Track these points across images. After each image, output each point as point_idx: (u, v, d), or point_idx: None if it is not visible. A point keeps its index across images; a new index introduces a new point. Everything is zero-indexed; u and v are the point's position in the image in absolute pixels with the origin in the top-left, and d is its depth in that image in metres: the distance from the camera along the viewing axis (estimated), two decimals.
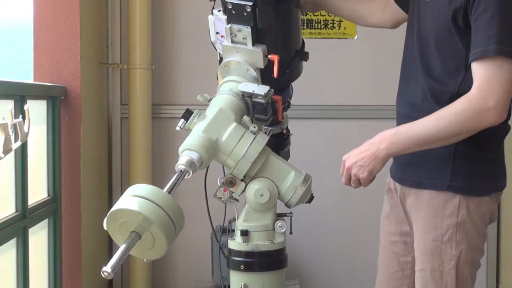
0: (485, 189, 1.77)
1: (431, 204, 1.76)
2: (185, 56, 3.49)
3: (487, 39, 1.56)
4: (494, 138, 1.76)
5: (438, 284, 1.75)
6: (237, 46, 1.89)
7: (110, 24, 3.43)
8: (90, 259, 3.11)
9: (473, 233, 1.74)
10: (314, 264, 3.56)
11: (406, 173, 1.86)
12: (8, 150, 1.71)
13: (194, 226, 2.06)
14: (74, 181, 2.95)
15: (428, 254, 1.76)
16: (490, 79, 1.58)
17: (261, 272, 1.88)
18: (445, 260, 1.74)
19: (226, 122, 1.81)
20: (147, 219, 1.46)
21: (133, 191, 1.53)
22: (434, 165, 1.76)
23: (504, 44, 1.55)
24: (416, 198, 1.81)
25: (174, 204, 1.51)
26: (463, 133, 1.66)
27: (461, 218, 1.72)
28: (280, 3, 1.89)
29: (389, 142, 1.71)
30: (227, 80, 1.95)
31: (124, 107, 3.45)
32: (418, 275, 1.81)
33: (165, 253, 1.52)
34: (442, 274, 1.74)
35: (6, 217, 2.31)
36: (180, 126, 1.83)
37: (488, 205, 1.79)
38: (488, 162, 1.77)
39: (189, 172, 1.64)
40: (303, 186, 1.87)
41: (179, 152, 1.70)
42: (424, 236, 1.77)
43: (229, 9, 1.85)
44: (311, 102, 3.43)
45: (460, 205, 1.73)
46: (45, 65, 2.93)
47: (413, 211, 1.84)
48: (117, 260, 1.43)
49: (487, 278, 3.55)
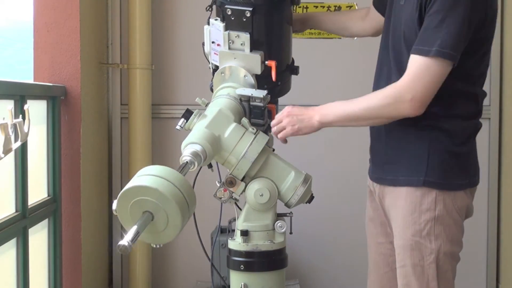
0: (460, 184, 1.81)
1: (409, 200, 1.79)
2: (185, 56, 3.49)
3: (432, 40, 1.66)
4: (466, 134, 1.82)
5: (419, 279, 1.79)
6: (235, 52, 1.90)
7: (110, 24, 3.44)
8: (90, 259, 3.11)
9: (451, 226, 1.79)
10: (314, 264, 3.56)
11: (383, 173, 1.90)
12: (8, 150, 1.70)
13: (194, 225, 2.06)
14: (74, 181, 2.95)
15: (408, 250, 1.79)
16: (418, 75, 1.68)
17: (261, 272, 1.88)
18: (425, 254, 1.77)
19: (227, 121, 1.82)
20: (164, 196, 1.42)
21: (145, 171, 1.50)
22: (410, 163, 1.80)
23: (444, 47, 1.65)
24: (394, 196, 1.85)
25: (188, 185, 1.50)
26: (381, 118, 1.78)
27: (438, 212, 1.77)
28: (277, 10, 1.93)
29: (323, 113, 1.83)
30: (224, 86, 1.96)
31: (124, 107, 3.45)
32: (400, 271, 1.84)
33: (177, 234, 1.48)
34: (423, 269, 1.78)
35: (6, 217, 2.32)
36: (180, 125, 1.84)
37: (463, 200, 1.83)
38: (462, 158, 1.82)
39: (194, 164, 1.63)
40: (303, 186, 1.87)
41: (182, 148, 1.70)
42: (403, 232, 1.80)
43: (228, 15, 1.88)
44: (311, 102, 3.42)
45: (436, 199, 1.77)
46: (45, 65, 2.93)
47: (391, 210, 1.87)
48: (133, 234, 1.36)
49: (487, 278, 3.55)
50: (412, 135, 1.80)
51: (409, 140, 1.81)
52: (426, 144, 1.78)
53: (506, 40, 3.43)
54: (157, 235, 1.48)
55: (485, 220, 3.52)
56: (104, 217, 3.42)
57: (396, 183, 1.84)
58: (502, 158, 3.49)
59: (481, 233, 3.53)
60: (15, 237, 2.39)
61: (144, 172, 1.50)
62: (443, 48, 1.65)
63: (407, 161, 1.81)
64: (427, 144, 1.78)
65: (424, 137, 1.79)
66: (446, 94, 1.74)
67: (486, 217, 3.52)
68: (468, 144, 1.84)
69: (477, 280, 3.56)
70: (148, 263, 3.45)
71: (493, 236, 3.53)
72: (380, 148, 1.92)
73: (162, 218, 1.44)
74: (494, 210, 3.51)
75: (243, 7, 1.86)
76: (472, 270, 3.56)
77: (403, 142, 1.83)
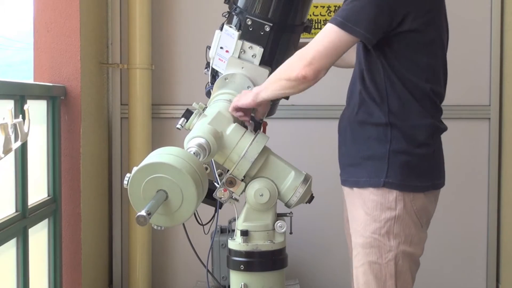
0: (419, 186, 1.82)
1: (370, 199, 1.81)
2: (185, 56, 3.49)
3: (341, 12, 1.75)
4: (424, 135, 1.82)
5: (377, 277, 1.80)
6: (244, 62, 1.92)
7: (110, 24, 3.43)
8: (90, 259, 3.11)
9: (410, 227, 1.81)
10: (314, 264, 3.56)
11: (346, 174, 1.92)
12: (8, 150, 1.70)
13: (194, 226, 2.06)
14: (74, 181, 2.95)
15: (367, 247, 1.81)
16: (321, 41, 1.76)
17: (261, 272, 1.89)
18: (383, 252, 1.79)
19: (227, 121, 1.82)
20: (183, 174, 1.43)
21: (162, 151, 1.51)
22: (371, 164, 1.82)
23: (347, 20, 1.72)
24: (356, 196, 1.86)
25: (202, 165, 1.53)
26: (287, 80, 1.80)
27: (398, 212, 1.79)
28: (291, 33, 2.00)
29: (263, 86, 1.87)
30: (224, 92, 1.97)
31: (124, 107, 3.45)
32: (359, 270, 1.85)
33: (189, 216, 1.48)
34: (381, 267, 1.80)
35: (6, 217, 2.31)
36: (181, 124, 1.84)
37: (423, 202, 1.84)
38: (422, 160, 1.83)
39: (199, 155, 1.63)
40: (303, 186, 1.87)
41: (185, 142, 1.70)
42: (363, 230, 1.82)
43: (247, 25, 1.92)
44: (311, 102, 3.43)
45: (397, 199, 1.79)
46: (45, 65, 2.93)
47: (353, 209, 1.88)
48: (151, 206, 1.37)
49: (487, 278, 3.55)
50: (374, 137, 1.82)
51: (371, 143, 1.83)
52: (387, 146, 1.80)
53: (506, 40, 3.43)
54: (167, 218, 1.48)
55: (485, 220, 3.52)
56: (104, 217, 3.42)
57: (358, 184, 1.85)
58: (502, 158, 3.49)
59: (481, 233, 3.53)
60: (15, 237, 2.39)
61: (160, 152, 1.51)
62: (345, 20, 1.72)
63: (369, 163, 1.83)
64: (388, 146, 1.80)
65: (385, 138, 1.81)
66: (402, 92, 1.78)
67: (486, 217, 3.52)
68: (429, 145, 1.84)
69: (477, 280, 3.56)
70: (148, 263, 3.45)
71: (493, 236, 3.52)
72: (344, 151, 1.94)
73: (176, 198, 1.44)
74: (494, 210, 3.50)
75: (263, 21, 1.91)
76: (472, 270, 3.56)
77: (365, 145, 1.85)
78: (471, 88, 3.50)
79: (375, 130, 1.81)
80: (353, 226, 1.88)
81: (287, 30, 1.98)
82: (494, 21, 3.46)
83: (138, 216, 1.33)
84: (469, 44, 3.45)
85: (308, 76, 1.75)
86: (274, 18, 1.93)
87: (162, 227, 1.52)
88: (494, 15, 3.45)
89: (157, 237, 3.52)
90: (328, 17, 3.55)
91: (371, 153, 1.82)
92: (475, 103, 3.52)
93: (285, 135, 3.37)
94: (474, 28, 3.48)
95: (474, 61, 3.50)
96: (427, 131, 1.82)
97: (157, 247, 3.54)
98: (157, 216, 1.46)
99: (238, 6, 1.96)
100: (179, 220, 1.48)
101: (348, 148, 1.90)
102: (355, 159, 1.87)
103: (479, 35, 3.48)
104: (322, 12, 3.48)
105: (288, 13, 1.97)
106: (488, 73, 3.49)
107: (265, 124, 2.01)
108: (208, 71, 2.06)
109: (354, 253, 1.87)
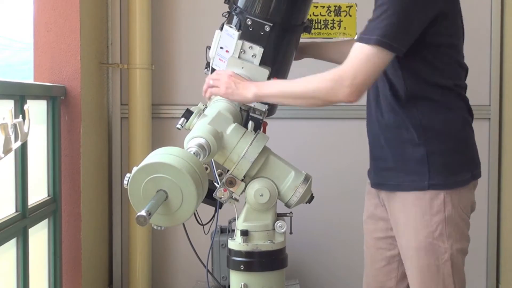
0: (460, 180, 1.84)
1: (418, 204, 1.83)
2: (185, 56, 3.49)
3: (374, 30, 1.70)
4: (455, 129, 1.86)
5: (435, 277, 1.84)
6: (244, 62, 1.93)
7: (110, 24, 3.43)
8: (90, 259, 3.11)
9: (459, 225, 1.85)
10: (314, 264, 3.56)
11: (384, 179, 1.92)
12: (8, 150, 1.70)
13: (194, 226, 2.06)
14: (74, 181, 2.95)
15: (423, 251, 1.83)
16: (359, 62, 1.71)
17: (261, 272, 1.89)
18: (440, 254, 1.82)
19: (227, 122, 1.82)
20: (182, 174, 1.43)
21: (162, 151, 1.51)
22: (411, 168, 1.84)
23: (384, 37, 1.68)
24: (401, 200, 1.87)
25: (202, 166, 1.53)
26: (317, 100, 1.79)
27: (448, 213, 1.81)
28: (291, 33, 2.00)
29: (261, 86, 1.85)
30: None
31: (124, 107, 3.45)
32: (413, 271, 1.87)
33: (189, 216, 1.48)
34: (438, 268, 1.83)
35: (6, 217, 2.31)
36: (181, 124, 1.84)
37: (468, 197, 1.87)
38: (458, 154, 1.85)
39: (199, 155, 1.63)
40: (303, 186, 1.87)
41: (185, 142, 1.70)
42: (416, 235, 1.83)
43: (247, 25, 1.92)
44: None
45: (445, 201, 1.81)
46: (45, 65, 2.93)
47: (400, 213, 1.89)
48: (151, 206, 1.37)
49: (487, 278, 3.55)
50: (408, 140, 1.83)
51: (406, 146, 1.84)
52: (423, 147, 1.81)
53: (506, 40, 3.43)
54: (169, 217, 1.48)
55: (485, 220, 3.52)
56: (104, 217, 3.42)
57: (401, 188, 1.86)
58: (502, 158, 3.49)
59: (481, 233, 3.52)
60: (15, 237, 2.39)
61: (160, 151, 1.51)
62: (383, 38, 1.68)
63: (408, 166, 1.84)
64: (423, 147, 1.81)
65: (419, 140, 1.82)
66: (428, 92, 1.81)
67: (486, 217, 3.52)
68: (462, 138, 1.87)
69: (477, 280, 3.56)
70: (148, 263, 3.45)
71: (493, 236, 3.53)
72: (378, 155, 1.94)
73: (176, 198, 1.44)
74: (494, 210, 3.51)
75: (263, 21, 1.91)
76: (472, 270, 3.55)
77: (400, 148, 1.85)
78: (471, 88, 3.48)
79: (408, 133, 1.83)
80: (399, 229, 1.89)
81: (288, 30, 1.98)
82: (494, 21, 3.46)
83: (138, 216, 1.34)
84: (469, 44, 3.43)
85: (354, 100, 1.74)
86: (274, 18, 1.93)
87: (162, 227, 1.52)
88: (494, 15, 3.46)
89: (157, 237, 3.52)
90: (328, 17, 3.55)
91: (409, 156, 1.83)
92: (475, 103, 3.46)
93: (285, 135, 3.37)
94: (474, 28, 3.47)
95: (474, 61, 3.49)
96: (458, 125, 1.86)
97: (157, 247, 3.54)
98: (157, 216, 1.46)
99: (238, 6, 1.96)
100: (179, 220, 1.49)
101: (383, 151, 1.90)
102: (391, 162, 1.88)
103: (479, 35, 3.48)
104: (322, 12, 3.48)
105: (288, 13, 1.97)
106: (488, 73, 3.49)
107: (265, 124, 2.01)
108: (208, 71, 2.06)
109: (408, 253, 1.87)
